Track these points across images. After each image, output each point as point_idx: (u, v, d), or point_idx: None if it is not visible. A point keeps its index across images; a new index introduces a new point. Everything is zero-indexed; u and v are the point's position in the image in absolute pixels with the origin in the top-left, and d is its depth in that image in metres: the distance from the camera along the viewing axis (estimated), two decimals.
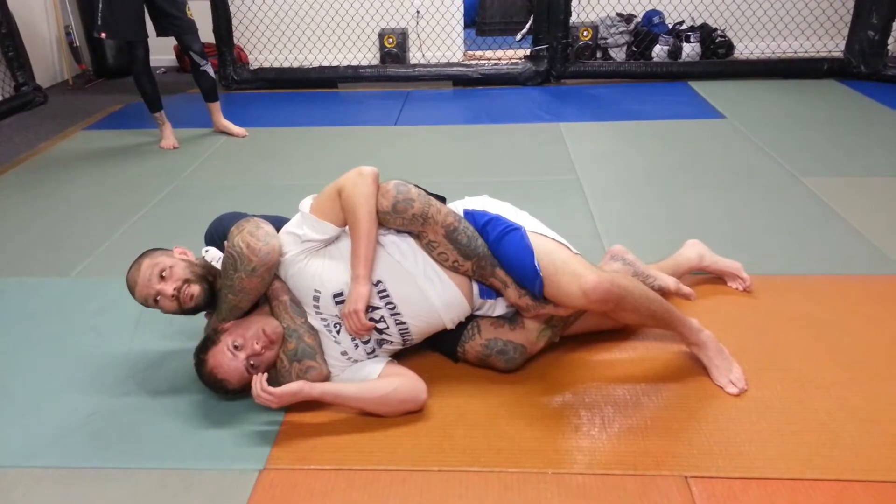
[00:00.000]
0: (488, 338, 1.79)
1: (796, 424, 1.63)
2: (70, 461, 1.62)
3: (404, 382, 1.69)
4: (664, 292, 1.97)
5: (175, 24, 3.63)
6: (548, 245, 1.72)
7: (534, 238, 1.72)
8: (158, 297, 1.74)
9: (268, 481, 1.53)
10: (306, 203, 1.73)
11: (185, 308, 1.75)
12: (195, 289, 1.74)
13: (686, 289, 2.03)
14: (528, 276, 1.69)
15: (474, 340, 1.80)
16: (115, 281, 2.40)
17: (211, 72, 3.84)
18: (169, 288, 1.72)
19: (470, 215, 1.78)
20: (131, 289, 1.77)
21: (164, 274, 1.73)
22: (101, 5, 3.48)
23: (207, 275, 1.78)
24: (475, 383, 1.81)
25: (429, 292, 1.71)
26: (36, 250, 2.69)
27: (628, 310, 1.70)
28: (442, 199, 1.79)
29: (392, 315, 1.71)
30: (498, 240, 1.73)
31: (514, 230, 1.73)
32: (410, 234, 1.73)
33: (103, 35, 3.56)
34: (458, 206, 1.83)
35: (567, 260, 1.69)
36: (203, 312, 1.84)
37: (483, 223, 1.76)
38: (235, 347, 1.66)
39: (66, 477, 1.57)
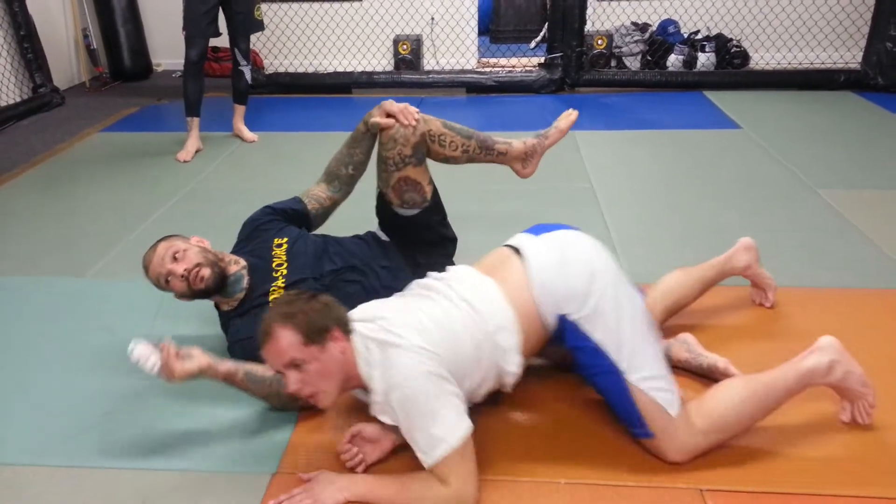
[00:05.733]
0: None
1: (814, 438, 1.61)
2: (83, 461, 1.62)
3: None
4: (712, 370, 1.82)
5: (243, 21, 3.69)
6: (648, 404, 1.52)
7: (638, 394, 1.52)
8: (170, 278, 1.82)
9: (280, 485, 1.52)
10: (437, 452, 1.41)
11: (194, 290, 1.82)
12: (205, 272, 1.82)
13: (733, 370, 1.78)
14: (631, 421, 1.55)
15: None
16: (130, 282, 2.42)
17: (248, 75, 3.86)
18: (180, 269, 1.80)
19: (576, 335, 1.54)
20: (145, 268, 1.86)
21: (177, 256, 1.82)
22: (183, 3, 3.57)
23: (218, 261, 1.87)
24: None
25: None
26: (52, 250, 2.71)
27: (736, 433, 1.57)
28: (453, 241, 2.12)
29: None
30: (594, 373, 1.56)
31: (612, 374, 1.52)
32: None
33: (184, 32, 3.60)
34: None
35: (666, 426, 1.52)
36: (213, 301, 1.94)
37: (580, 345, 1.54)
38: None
39: (79, 476, 1.58)
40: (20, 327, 2.18)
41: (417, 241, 2.09)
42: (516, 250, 1.64)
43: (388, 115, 1.93)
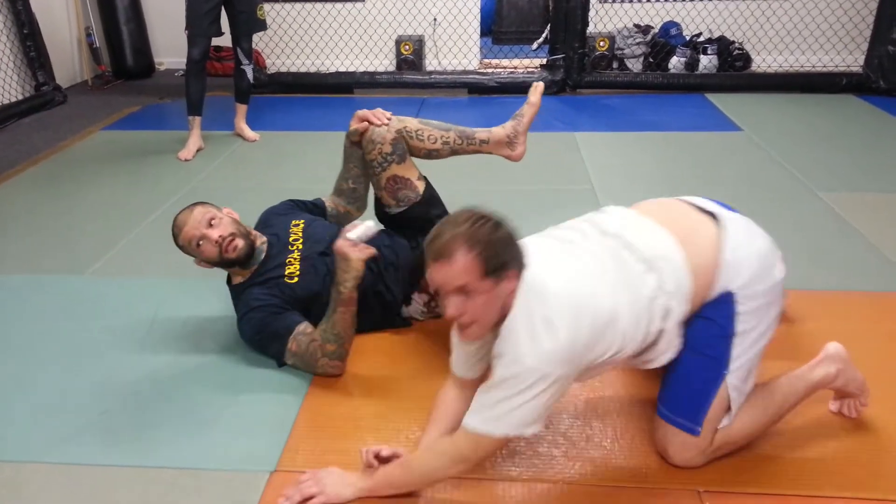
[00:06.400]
0: None
1: (813, 440, 1.61)
2: (82, 458, 1.63)
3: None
4: None
5: (245, 21, 3.68)
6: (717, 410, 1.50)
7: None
8: (202, 241, 1.88)
9: (279, 483, 1.53)
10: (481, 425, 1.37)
11: (224, 258, 1.90)
12: (239, 242, 1.90)
13: None
14: (687, 409, 1.50)
15: None
16: (129, 280, 2.42)
17: (250, 74, 3.86)
18: (215, 234, 1.88)
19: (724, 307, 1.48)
20: (178, 229, 1.91)
21: (213, 222, 1.89)
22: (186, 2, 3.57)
23: (248, 234, 1.97)
24: None
25: None
26: (52, 248, 2.71)
27: (751, 438, 1.56)
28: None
29: None
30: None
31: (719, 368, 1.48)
32: None
33: (186, 31, 3.61)
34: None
35: (709, 433, 1.50)
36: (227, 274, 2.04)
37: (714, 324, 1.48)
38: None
39: (78, 474, 1.58)
40: (20, 325, 2.19)
41: (418, 234, 2.15)
42: (705, 212, 1.57)
43: (363, 121, 2.09)
